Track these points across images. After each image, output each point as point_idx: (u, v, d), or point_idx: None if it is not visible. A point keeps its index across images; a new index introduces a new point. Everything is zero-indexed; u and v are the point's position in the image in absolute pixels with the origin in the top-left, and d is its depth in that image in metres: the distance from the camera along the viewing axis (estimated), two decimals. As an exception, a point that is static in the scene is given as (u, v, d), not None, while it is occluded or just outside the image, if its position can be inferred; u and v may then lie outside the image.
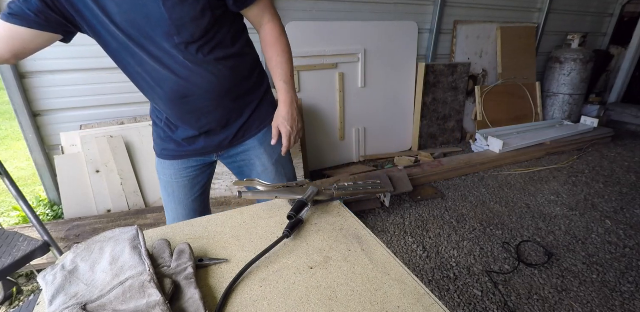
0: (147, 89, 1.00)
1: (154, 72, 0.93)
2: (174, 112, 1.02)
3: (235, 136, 1.10)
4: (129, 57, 0.92)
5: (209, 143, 1.10)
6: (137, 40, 0.87)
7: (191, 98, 0.97)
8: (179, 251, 0.61)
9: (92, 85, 2.20)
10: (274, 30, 1.02)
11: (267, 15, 1.00)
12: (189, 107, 0.99)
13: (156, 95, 1.00)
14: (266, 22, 1.01)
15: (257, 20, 1.01)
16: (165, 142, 1.13)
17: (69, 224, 1.96)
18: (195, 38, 0.88)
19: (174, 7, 0.82)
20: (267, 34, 1.03)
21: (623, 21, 4.80)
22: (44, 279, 0.54)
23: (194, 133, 1.07)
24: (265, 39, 1.03)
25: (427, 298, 0.55)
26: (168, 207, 1.23)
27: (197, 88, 0.95)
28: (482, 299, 1.66)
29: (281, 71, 1.04)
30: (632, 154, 3.55)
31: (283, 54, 1.04)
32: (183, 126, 1.06)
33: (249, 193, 0.79)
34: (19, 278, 1.74)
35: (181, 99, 0.97)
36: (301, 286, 0.58)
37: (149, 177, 2.20)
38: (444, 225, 2.26)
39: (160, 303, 0.48)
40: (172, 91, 0.95)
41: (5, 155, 3.65)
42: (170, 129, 1.09)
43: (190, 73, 0.92)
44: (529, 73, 4.01)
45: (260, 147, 1.14)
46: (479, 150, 3.39)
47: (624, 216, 2.40)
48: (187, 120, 1.03)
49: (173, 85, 0.94)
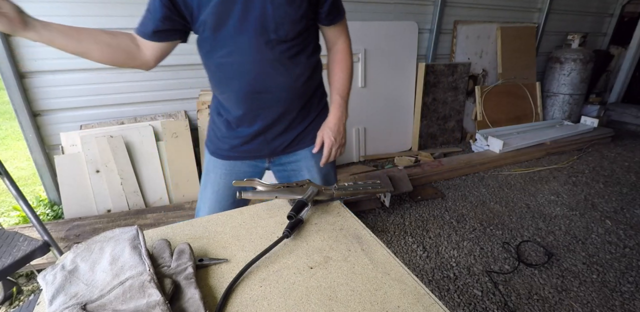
0: (225, 81, 1.02)
1: (238, 64, 0.96)
2: (243, 107, 1.05)
3: (290, 143, 1.13)
4: (219, 47, 0.96)
5: (264, 146, 1.12)
6: (235, 33, 0.92)
7: (265, 95, 1.01)
8: (179, 251, 0.61)
9: (92, 85, 2.20)
10: (346, 49, 1.12)
11: (344, 35, 1.11)
12: (259, 103, 1.03)
13: (231, 88, 1.02)
14: (342, 41, 1.11)
15: (334, 38, 1.11)
16: (221, 141, 1.15)
17: (69, 224, 1.96)
18: (287, 38, 0.94)
19: (280, 6, 0.89)
20: (338, 51, 1.12)
21: (623, 21, 4.80)
22: (44, 279, 0.54)
23: (254, 131, 1.09)
24: (336, 55, 1.12)
25: (427, 298, 0.55)
26: (206, 203, 1.25)
27: (275, 86, 1.00)
28: (482, 299, 1.66)
29: (340, 86, 1.11)
30: (632, 154, 3.55)
31: (347, 71, 1.12)
32: (246, 123, 1.08)
33: (249, 193, 0.79)
34: (19, 278, 1.74)
35: (255, 94, 1.00)
36: (301, 286, 0.58)
37: (149, 177, 2.20)
38: (444, 225, 2.26)
39: (160, 303, 0.48)
40: (249, 85, 0.99)
41: (5, 155, 3.64)
42: (230, 127, 1.11)
43: (272, 70, 0.97)
44: (529, 73, 4.01)
45: (311, 158, 1.17)
46: (479, 150, 3.39)
47: (624, 216, 2.40)
48: (252, 117, 1.06)
49: (252, 80, 0.98)
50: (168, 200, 2.25)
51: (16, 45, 1.95)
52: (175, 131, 2.24)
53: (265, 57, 0.95)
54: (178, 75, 2.41)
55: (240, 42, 0.93)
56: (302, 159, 1.17)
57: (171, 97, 2.44)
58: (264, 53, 0.94)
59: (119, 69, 2.22)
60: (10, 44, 1.93)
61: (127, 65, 1.00)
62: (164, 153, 2.22)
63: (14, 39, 1.94)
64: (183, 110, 2.47)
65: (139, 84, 2.31)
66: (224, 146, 1.14)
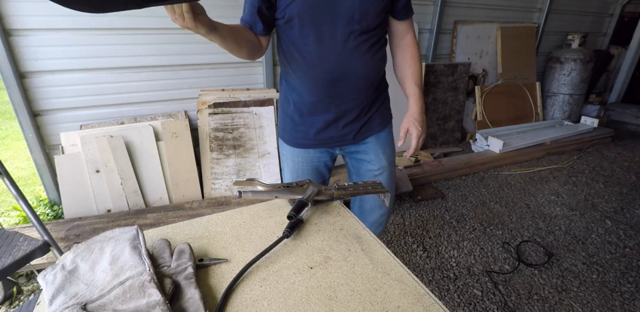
0: (304, 68, 1.05)
1: (319, 52, 1.01)
2: (319, 94, 1.08)
3: (359, 131, 1.17)
4: (304, 35, 1.00)
5: (336, 133, 1.17)
6: (320, 21, 0.97)
7: (342, 82, 1.05)
8: (179, 251, 0.61)
9: (92, 85, 2.19)
10: (416, 44, 1.17)
11: (412, 31, 1.16)
12: (336, 91, 1.06)
13: (309, 76, 1.06)
14: (410, 36, 1.16)
15: (403, 32, 1.15)
16: (294, 130, 1.19)
17: (69, 223, 1.96)
18: (368, 29, 1.00)
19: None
20: (409, 45, 1.16)
21: (623, 21, 4.79)
22: (44, 279, 0.54)
23: (328, 119, 1.12)
24: (407, 48, 1.16)
25: (427, 298, 0.55)
26: None
27: (352, 74, 1.04)
28: (482, 299, 1.66)
29: (417, 78, 1.15)
30: (632, 154, 3.55)
31: (420, 64, 1.17)
32: (320, 111, 1.12)
33: (249, 193, 0.79)
34: (19, 278, 1.74)
35: (333, 82, 1.05)
36: (301, 286, 0.58)
37: (149, 177, 2.20)
38: (444, 225, 2.26)
39: (160, 303, 0.48)
40: (328, 72, 1.03)
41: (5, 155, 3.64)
42: (303, 115, 1.14)
43: (351, 59, 1.02)
44: (529, 73, 4.01)
45: (379, 147, 1.22)
46: (479, 150, 3.39)
47: (624, 216, 2.40)
48: (327, 104, 1.09)
49: (332, 67, 1.02)
50: (168, 200, 2.25)
51: (16, 45, 1.95)
52: (175, 131, 2.24)
53: (347, 46, 1.00)
54: (178, 75, 2.41)
55: (325, 31, 0.98)
56: (371, 148, 1.22)
57: (171, 97, 2.44)
58: (346, 42, 0.99)
59: (118, 69, 2.22)
60: (10, 44, 1.93)
61: (254, 58, 1.08)
62: (164, 153, 2.22)
63: (14, 39, 1.94)
64: (183, 110, 2.47)
65: (139, 84, 2.31)
66: (298, 134, 1.19)
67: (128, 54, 2.22)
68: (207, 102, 2.37)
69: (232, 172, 2.37)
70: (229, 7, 2.32)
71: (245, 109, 2.42)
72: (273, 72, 2.67)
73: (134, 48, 2.22)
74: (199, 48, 2.39)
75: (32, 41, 1.98)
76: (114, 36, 2.15)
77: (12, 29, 1.92)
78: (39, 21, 1.96)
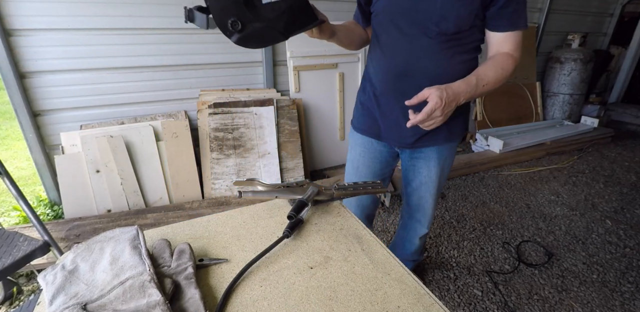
0: (379, 58, 1.11)
1: (395, 45, 1.05)
2: (387, 86, 1.11)
3: (420, 138, 1.15)
4: (385, 30, 1.07)
5: (397, 132, 1.16)
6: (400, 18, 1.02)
7: (408, 78, 1.06)
8: (179, 251, 0.61)
9: (92, 85, 2.20)
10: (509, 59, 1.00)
11: (511, 46, 1.01)
12: (402, 85, 1.07)
13: (381, 66, 1.11)
14: (506, 51, 1.01)
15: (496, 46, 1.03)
16: (363, 116, 1.24)
17: (69, 224, 1.96)
18: (448, 32, 0.98)
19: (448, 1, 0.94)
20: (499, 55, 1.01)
21: (623, 21, 4.79)
22: (44, 279, 0.54)
23: (393, 114, 1.13)
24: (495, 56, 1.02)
25: (427, 298, 0.55)
26: (349, 178, 1.37)
27: (419, 71, 1.04)
28: (482, 299, 1.66)
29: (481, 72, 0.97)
30: (632, 154, 3.55)
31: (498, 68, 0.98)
32: (387, 104, 1.14)
33: (249, 193, 0.79)
34: (19, 278, 1.74)
35: (400, 76, 1.07)
36: (301, 286, 0.58)
37: (149, 177, 2.20)
38: (444, 225, 2.26)
39: (160, 303, 0.48)
40: (396, 66, 1.06)
41: (5, 155, 3.64)
42: (372, 101, 1.18)
43: (422, 56, 1.02)
44: (529, 73, 4.00)
45: (436, 159, 1.21)
46: (479, 150, 3.38)
47: (624, 216, 2.40)
48: (394, 98, 1.10)
49: (400, 61, 1.05)
50: (168, 200, 2.25)
51: (16, 45, 1.95)
52: (175, 131, 2.24)
53: (419, 43, 1.01)
54: (178, 75, 2.41)
55: (403, 28, 1.01)
56: (426, 157, 1.21)
57: (171, 97, 2.44)
58: (419, 40, 1.01)
59: (119, 69, 2.22)
60: (10, 44, 1.93)
61: (360, 48, 1.21)
62: (164, 153, 2.22)
63: (14, 39, 1.94)
64: (183, 110, 2.47)
65: (139, 84, 2.31)
66: (366, 122, 1.23)
67: (128, 54, 2.22)
68: (207, 102, 2.37)
69: (232, 172, 2.37)
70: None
71: (245, 109, 2.42)
72: (273, 72, 2.67)
73: (134, 48, 2.22)
74: (199, 48, 2.39)
75: (33, 41, 1.98)
76: (114, 36, 2.15)
77: (12, 29, 1.92)
78: (39, 21, 1.96)
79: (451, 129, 1.15)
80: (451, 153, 1.23)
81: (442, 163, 1.22)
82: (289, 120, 2.55)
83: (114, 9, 2.10)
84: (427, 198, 1.32)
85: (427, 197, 1.32)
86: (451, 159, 1.26)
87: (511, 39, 1.01)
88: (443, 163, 1.22)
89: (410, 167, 1.27)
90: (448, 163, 1.25)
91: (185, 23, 0.78)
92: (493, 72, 0.98)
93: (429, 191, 1.29)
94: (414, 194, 1.33)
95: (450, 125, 1.09)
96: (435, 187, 1.28)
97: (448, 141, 1.18)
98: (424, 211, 1.37)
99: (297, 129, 2.56)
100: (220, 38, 2.42)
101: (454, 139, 1.19)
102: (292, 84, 2.68)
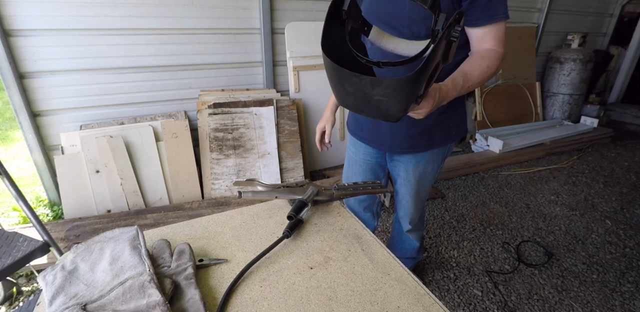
0: None
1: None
2: None
3: (399, 145, 1.17)
4: None
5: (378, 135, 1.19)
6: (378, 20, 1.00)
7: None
8: (179, 251, 0.61)
9: (92, 85, 2.19)
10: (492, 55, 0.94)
11: (491, 41, 0.94)
12: None
13: None
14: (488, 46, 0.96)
15: (477, 42, 0.97)
16: (354, 120, 1.28)
17: (68, 224, 1.96)
18: (420, 35, 0.96)
19: (414, 4, 0.93)
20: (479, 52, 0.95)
21: (623, 21, 4.79)
22: (44, 279, 0.54)
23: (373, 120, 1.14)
24: (474, 55, 0.96)
25: (427, 298, 0.55)
26: (345, 176, 1.43)
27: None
28: (482, 299, 1.66)
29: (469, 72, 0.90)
30: (632, 154, 3.55)
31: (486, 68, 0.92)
32: None
33: (249, 193, 0.79)
34: (19, 278, 1.73)
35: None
36: (301, 286, 0.58)
37: (149, 177, 2.20)
38: (443, 225, 2.26)
39: (160, 303, 0.48)
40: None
41: (5, 155, 3.64)
42: None
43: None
44: (529, 73, 4.01)
45: (414, 164, 1.22)
46: (478, 150, 3.38)
47: (624, 215, 2.40)
48: None
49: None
50: (168, 200, 2.25)
51: (16, 45, 1.95)
52: (175, 131, 2.24)
53: None
54: (178, 76, 2.41)
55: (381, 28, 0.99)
56: (405, 161, 1.24)
57: (171, 98, 2.44)
58: None
59: (118, 70, 2.22)
60: (10, 44, 1.93)
61: None
62: (164, 153, 2.22)
63: (14, 39, 1.94)
64: (183, 110, 2.47)
65: (138, 84, 2.31)
66: (353, 122, 1.28)
67: (128, 54, 2.22)
68: (207, 103, 2.37)
69: (232, 172, 2.37)
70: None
71: (245, 109, 2.42)
72: (273, 73, 2.67)
73: (134, 48, 2.22)
74: (198, 48, 2.39)
75: (32, 41, 1.98)
76: (114, 37, 2.15)
77: (12, 29, 1.92)
78: (39, 21, 1.96)
79: (432, 139, 1.15)
80: (434, 158, 1.23)
81: (421, 168, 1.23)
82: (289, 120, 2.55)
83: (113, 10, 2.10)
84: (407, 198, 1.37)
85: (407, 197, 1.36)
86: (436, 162, 1.26)
87: (491, 34, 0.94)
88: (424, 168, 1.24)
89: (392, 167, 1.32)
90: (431, 167, 1.25)
91: None
92: (479, 71, 0.93)
93: (408, 192, 1.33)
94: (398, 192, 1.39)
95: (431, 134, 1.14)
96: (414, 189, 1.31)
97: (428, 149, 1.18)
98: (405, 209, 1.42)
99: (296, 129, 2.56)
100: (220, 38, 2.42)
101: (436, 146, 1.18)
102: (291, 84, 2.68)
